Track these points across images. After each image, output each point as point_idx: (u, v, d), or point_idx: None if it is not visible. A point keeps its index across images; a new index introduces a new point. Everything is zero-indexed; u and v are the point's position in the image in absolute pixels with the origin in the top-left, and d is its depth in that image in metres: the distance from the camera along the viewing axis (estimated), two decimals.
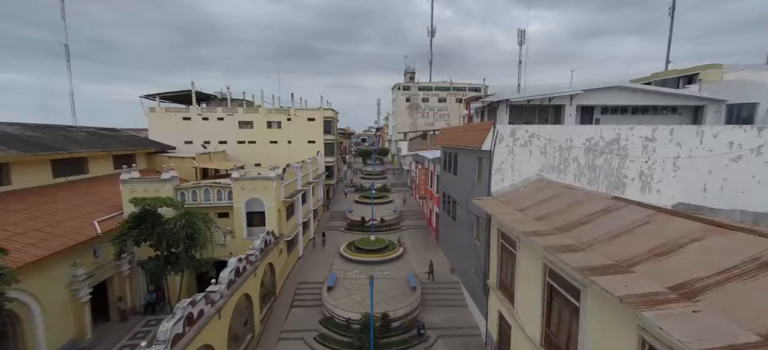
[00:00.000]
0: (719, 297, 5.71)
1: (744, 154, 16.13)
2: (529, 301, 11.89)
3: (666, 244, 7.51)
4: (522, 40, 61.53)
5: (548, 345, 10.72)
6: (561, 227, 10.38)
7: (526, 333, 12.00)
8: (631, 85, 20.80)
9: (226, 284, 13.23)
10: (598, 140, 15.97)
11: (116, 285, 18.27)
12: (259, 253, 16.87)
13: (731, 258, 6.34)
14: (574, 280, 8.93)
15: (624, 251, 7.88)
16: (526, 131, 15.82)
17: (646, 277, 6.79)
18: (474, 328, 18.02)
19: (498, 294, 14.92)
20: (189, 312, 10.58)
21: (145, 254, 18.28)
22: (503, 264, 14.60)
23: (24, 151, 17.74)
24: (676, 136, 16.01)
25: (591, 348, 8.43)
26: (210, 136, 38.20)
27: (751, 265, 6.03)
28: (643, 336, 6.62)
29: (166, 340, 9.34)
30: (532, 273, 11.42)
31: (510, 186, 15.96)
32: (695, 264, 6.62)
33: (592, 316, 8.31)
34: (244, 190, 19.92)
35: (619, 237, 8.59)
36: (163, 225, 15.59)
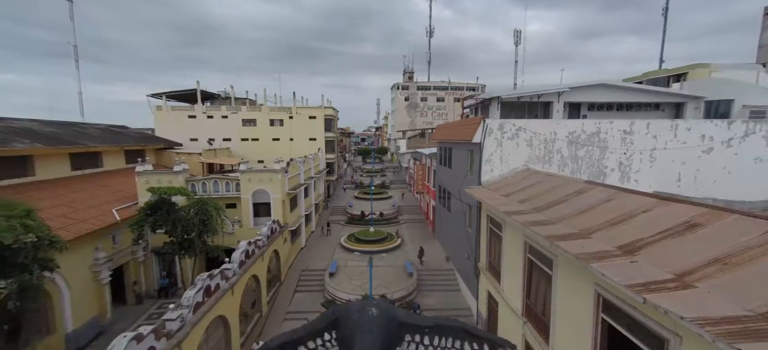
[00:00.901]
0: (653, 251, 6.99)
1: (715, 146, 17.42)
2: (512, 277, 13.17)
3: (620, 215, 8.79)
4: (518, 40, 62.87)
5: (528, 313, 12.00)
6: (538, 207, 11.66)
7: (511, 306, 13.28)
8: (614, 83, 22.02)
9: (238, 263, 14.50)
10: (580, 133, 17.25)
11: (132, 270, 19.55)
12: (266, 239, 18.13)
13: (668, 222, 7.62)
14: (547, 251, 10.21)
15: (586, 223, 9.16)
16: (513, 124, 17.11)
17: (600, 240, 8.08)
18: (466, 309, 19.29)
19: (487, 275, 16.20)
20: (207, 283, 11.84)
21: (158, 242, 19.63)
22: (491, 247, 15.87)
23: (46, 144, 19.01)
24: (652, 129, 17.30)
25: (561, 309, 9.73)
26: (214, 133, 39.44)
27: (682, 227, 7.31)
28: (597, 289, 7.91)
29: (188, 306, 10.61)
30: (515, 251, 12.70)
31: (499, 176, 17.23)
32: (640, 228, 7.90)
33: (562, 281, 9.60)
34: (251, 181, 21.21)
35: (585, 212, 9.87)
36: (177, 212, 16.83)
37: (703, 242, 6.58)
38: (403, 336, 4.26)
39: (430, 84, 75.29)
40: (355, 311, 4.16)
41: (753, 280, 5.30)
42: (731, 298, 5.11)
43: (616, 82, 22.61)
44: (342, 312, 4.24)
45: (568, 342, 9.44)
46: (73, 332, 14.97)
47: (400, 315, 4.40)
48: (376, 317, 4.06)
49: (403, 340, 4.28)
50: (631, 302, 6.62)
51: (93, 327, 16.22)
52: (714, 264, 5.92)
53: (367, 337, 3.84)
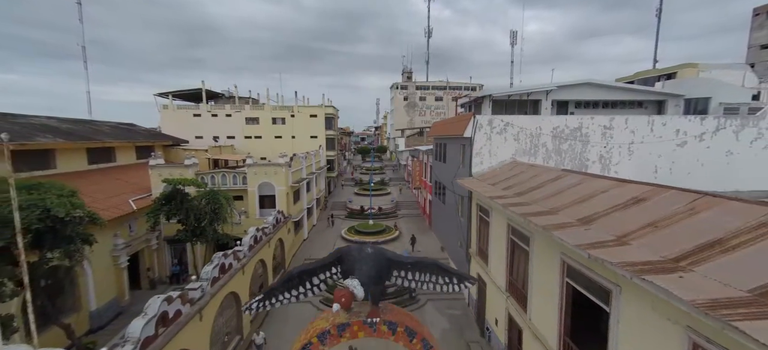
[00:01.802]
0: (604, 221, 8.34)
1: (689, 140, 18.77)
2: (497, 258, 14.52)
3: (584, 196, 10.14)
4: (514, 41, 64.26)
5: (511, 288, 13.34)
6: (519, 192, 13.02)
7: (496, 284, 14.64)
8: (598, 82, 23.36)
9: (248, 247, 15.85)
10: (563, 128, 18.59)
11: (146, 257, 20.90)
12: (272, 227, 19.47)
13: (620, 199, 8.98)
14: (525, 230, 11.56)
15: (556, 203, 10.52)
16: (501, 120, 18.45)
17: (564, 215, 9.43)
18: (458, 295, 20.64)
19: (477, 259, 17.55)
20: (222, 261, 13.18)
21: (170, 231, 20.99)
22: (480, 233, 17.22)
23: (66, 140, 20.34)
24: (630, 124, 18.65)
25: (536, 280, 11.07)
26: (219, 131, 40.76)
27: (631, 202, 8.66)
28: (562, 257, 9.25)
29: (207, 279, 11.95)
30: (500, 234, 14.05)
31: (488, 168, 18.57)
32: (597, 205, 9.25)
33: (536, 255, 10.95)
34: (257, 175, 22.55)
35: (556, 195, 11.23)
36: (190, 202, 18.15)
37: (643, 213, 7.94)
38: (391, 270, 5.58)
39: (428, 84, 76.67)
40: (355, 250, 5.48)
41: (672, 237, 6.65)
42: (653, 250, 6.46)
43: (601, 81, 23.94)
44: (345, 252, 5.55)
45: (541, 309, 10.79)
46: (96, 310, 16.30)
47: (389, 255, 5.72)
48: (371, 254, 5.38)
49: (391, 274, 5.60)
50: (584, 262, 7.98)
51: (113, 307, 17.56)
52: (647, 228, 7.28)
53: (364, 267, 5.16)
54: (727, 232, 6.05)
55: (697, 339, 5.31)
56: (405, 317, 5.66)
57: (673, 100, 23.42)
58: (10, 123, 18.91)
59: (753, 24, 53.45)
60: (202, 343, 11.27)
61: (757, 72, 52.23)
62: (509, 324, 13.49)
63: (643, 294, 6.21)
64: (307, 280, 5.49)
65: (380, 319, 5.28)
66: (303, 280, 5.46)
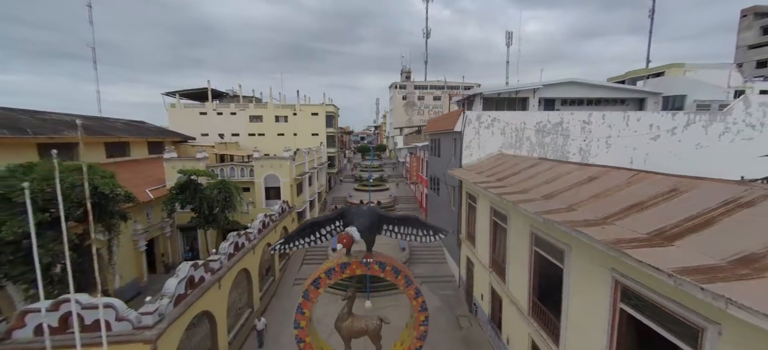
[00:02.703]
0: (564, 196, 9.96)
1: (662, 134, 20.39)
2: (483, 239, 16.15)
3: (551, 178, 11.78)
4: (509, 41, 65.83)
5: (493, 264, 14.97)
6: (500, 178, 14.65)
7: (482, 263, 16.26)
8: (582, 81, 24.97)
9: (257, 230, 17.48)
10: (546, 123, 20.21)
11: (161, 244, 22.52)
12: (277, 215, 21.10)
13: (578, 178, 10.60)
14: (503, 209, 13.19)
15: (529, 185, 12.16)
16: (489, 115, 20.07)
17: (534, 194, 11.06)
18: (450, 276, 22.28)
19: (466, 242, 19.18)
20: (236, 240, 14.81)
21: (183, 220, 22.64)
22: (469, 218, 18.85)
23: (88, 134, 21.95)
24: (607, 119, 20.27)
25: (512, 253, 12.69)
26: (224, 129, 42.38)
27: (585, 181, 10.29)
28: (532, 230, 10.88)
29: (225, 253, 13.58)
30: (484, 217, 15.69)
31: (477, 160, 20.18)
32: (560, 184, 10.88)
33: (512, 231, 12.58)
34: (263, 167, 24.17)
35: (530, 178, 12.86)
36: (202, 191, 19.77)
37: (593, 187, 9.57)
38: (382, 225, 7.19)
39: (426, 84, 78.26)
40: (354, 208, 7.08)
41: (609, 203, 8.26)
42: (592, 212, 8.08)
43: (585, 80, 25.55)
44: (345, 209, 7.15)
45: (516, 277, 12.42)
46: (119, 289, 17.90)
47: (380, 212, 7.33)
48: (366, 211, 6.99)
49: (382, 228, 7.21)
50: (545, 229, 9.62)
51: (133, 288, 19.19)
52: (592, 198, 8.90)
53: (360, 220, 6.75)
54: (646, 197, 7.69)
55: (618, 276, 6.96)
56: (392, 260, 7.28)
57: (652, 97, 25.04)
58: (37, 119, 20.53)
59: (741, 25, 55.07)
60: (220, 308, 12.90)
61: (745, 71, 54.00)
62: (492, 296, 15.12)
63: (585, 250, 7.86)
64: (317, 230, 7.12)
65: (373, 260, 6.90)
66: (314, 229, 7.09)
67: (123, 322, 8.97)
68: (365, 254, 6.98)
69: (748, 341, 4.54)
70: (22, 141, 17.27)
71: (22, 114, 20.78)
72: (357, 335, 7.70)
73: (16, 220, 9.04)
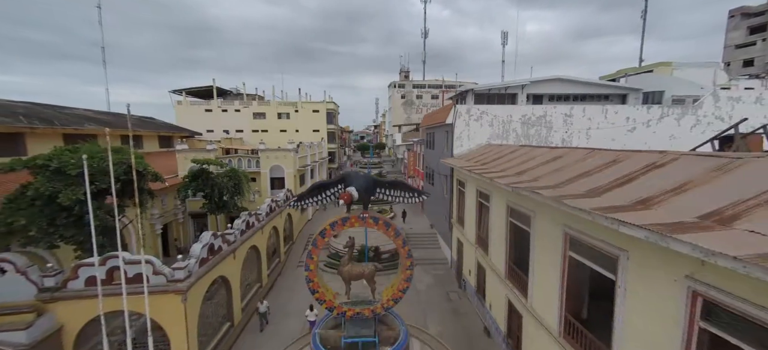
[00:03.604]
0: (533, 173, 11.64)
1: (638, 126, 22.08)
2: (470, 219, 17.83)
3: (526, 160, 13.47)
4: (505, 41, 67.61)
5: (479, 240, 16.64)
6: (484, 163, 16.34)
7: (469, 241, 17.94)
8: (567, 77, 26.65)
9: (265, 213, 19.16)
10: (530, 116, 21.89)
11: (174, 229, 24.21)
12: (282, 201, 22.79)
13: (544, 158, 12.29)
14: (486, 190, 14.87)
15: (505, 166, 13.84)
16: (478, 109, 21.76)
17: (509, 172, 12.74)
18: (443, 260, 23.97)
19: (457, 225, 20.86)
20: (247, 219, 16.49)
21: (194, 207, 24.32)
22: (459, 203, 20.53)
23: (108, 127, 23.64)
24: (587, 113, 21.96)
25: (493, 227, 14.36)
26: (228, 125, 44.06)
27: (551, 159, 11.96)
28: (508, 203, 12.56)
29: (238, 229, 15.26)
30: (471, 199, 17.37)
31: (467, 150, 21.85)
32: (531, 164, 12.56)
33: (493, 207, 14.25)
34: (269, 158, 25.85)
35: (508, 162, 14.55)
36: (214, 179, 21.44)
37: (556, 164, 11.25)
38: (376, 188, 8.86)
39: (424, 83, 79.96)
40: (353, 173, 8.74)
41: (564, 172, 9.94)
42: (552, 181, 9.76)
43: (570, 77, 27.23)
44: (346, 174, 8.81)
45: (496, 248, 14.09)
46: None
47: (374, 178, 9.00)
48: (363, 176, 8.65)
49: (376, 190, 8.88)
50: (516, 199, 11.30)
51: None
52: (555, 172, 10.58)
53: (359, 182, 8.39)
54: (593, 167, 9.38)
55: (566, 229, 8.64)
56: (383, 218, 8.94)
57: (633, 93, 26.73)
58: (62, 113, 22.20)
59: (728, 25, 56.81)
60: (235, 276, 14.58)
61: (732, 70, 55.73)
62: (477, 269, 16.80)
63: (546, 212, 9.54)
64: (324, 190, 8.79)
65: (368, 215, 8.58)
66: (322, 190, 8.76)
67: (159, 276, 10.65)
68: (363, 210, 8.65)
69: (646, 260, 6.20)
70: (50, 131, 18.94)
71: (46, 108, 22.45)
72: (356, 278, 9.37)
73: (70, 189, 10.70)
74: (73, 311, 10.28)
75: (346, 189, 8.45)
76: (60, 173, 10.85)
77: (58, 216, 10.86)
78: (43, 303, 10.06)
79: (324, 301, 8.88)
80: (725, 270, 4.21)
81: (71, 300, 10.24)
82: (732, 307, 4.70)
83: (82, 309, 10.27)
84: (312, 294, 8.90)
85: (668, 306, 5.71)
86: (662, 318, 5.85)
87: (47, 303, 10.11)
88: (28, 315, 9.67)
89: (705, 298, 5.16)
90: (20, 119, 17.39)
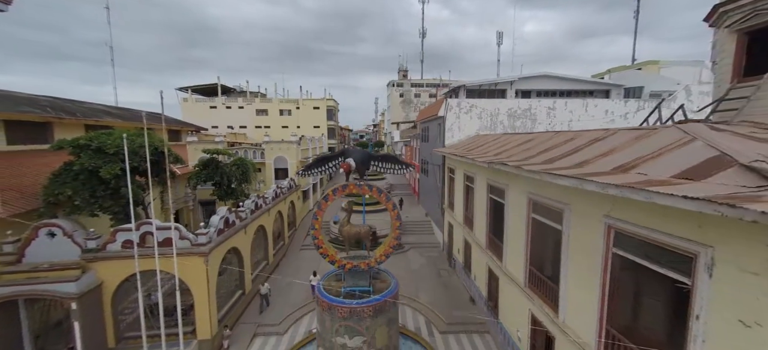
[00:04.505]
0: (510, 153, 13.35)
1: (616, 119, 23.81)
2: (458, 201, 19.55)
3: (505, 144, 15.18)
4: (500, 41, 69.31)
5: (466, 220, 18.36)
6: (470, 149, 18.06)
7: (459, 223, 19.66)
8: (553, 74, 28.32)
9: (271, 197, 20.87)
10: (516, 109, 23.62)
11: (185, 215, 25.90)
12: (286, 189, 24.49)
13: (520, 141, 14.00)
14: (472, 173, 16.59)
15: (488, 151, 15.56)
16: (468, 102, 23.47)
17: (490, 155, 14.47)
18: (436, 244, 25.69)
19: (448, 210, 22.59)
20: (256, 200, 18.21)
21: (203, 196, 26.01)
22: (450, 189, 22.25)
23: (122, 120, 25.33)
24: (569, 106, 23.69)
25: (477, 206, 16.07)
26: (232, 122, 45.74)
27: (524, 141, 13.68)
28: (488, 182, 14.27)
29: (249, 209, 16.96)
30: (460, 183, 19.09)
31: (457, 141, 23.57)
32: (508, 146, 14.28)
33: (477, 188, 15.98)
34: (273, 150, 27.55)
35: (491, 147, 16.27)
36: (223, 167, 23.12)
37: (527, 144, 12.97)
38: (371, 161, 10.56)
39: (422, 81, 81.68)
40: (351, 148, 10.46)
41: (532, 149, 11.65)
42: (521, 157, 11.48)
43: (556, 73, 28.90)
44: (346, 149, 10.51)
45: (479, 224, 15.81)
46: None
47: (370, 153, 10.71)
48: (360, 150, 10.36)
49: (371, 163, 10.58)
50: (494, 176, 13.03)
51: None
52: (524, 151, 12.30)
53: (357, 154, 10.08)
54: (554, 144, 11.09)
55: (532, 196, 10.36)
56: (376, 186, 10.64)
57: (615, 89, 28.43)
58: (81, 107, 23.87)
59: None
60: (246, 249, 16.28)
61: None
62: (464, 246, 18.52)
63: (517, 184, 11.26)
64: (327, 162, 10.49)
65: (364, 183, 10.29)
66: (325, 161, 10.46)
67: (184, 241, 12.36)
68: (359, 179, 10.36)
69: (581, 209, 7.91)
70: (74, 122, 20.62)
71: (67, 102, 24.12)
72: (354, 236, 11.08)
73: (110, 166, 12.38)
74: (111, 269, 11.98)
75: (345, 160, 10.15)
76: (100, 152, 12.55)
77: (98, 189, 12.54)
78: (87, 262, 11.77)
79: (327, 255, 10.59)
80: (625, 205, 5.96)
81: (110, 261, 11.95)
82: (630, 232, 6.44)
83: (118, 268, 11.98)
84: (317, 250, 10.60)
85: (594, 241, 7.45)
86: (591, 251, 7.59)
87: (90, 262, 11.81)
88: (75, 270, 11.37)
89: (616, 230, 6.90)
90: (48, 110, 19.07)
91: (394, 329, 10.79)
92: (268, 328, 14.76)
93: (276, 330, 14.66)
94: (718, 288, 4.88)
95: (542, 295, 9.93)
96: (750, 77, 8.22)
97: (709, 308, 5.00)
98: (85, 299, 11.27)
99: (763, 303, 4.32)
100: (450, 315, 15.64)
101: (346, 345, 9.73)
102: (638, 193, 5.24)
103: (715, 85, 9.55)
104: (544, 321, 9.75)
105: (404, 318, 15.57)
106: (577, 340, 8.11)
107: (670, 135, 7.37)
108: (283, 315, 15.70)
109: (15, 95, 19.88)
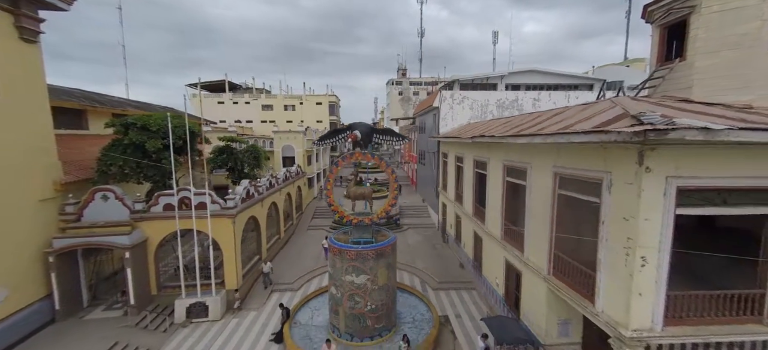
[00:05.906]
0: (489, 132, 15.62)
1: None
2: (451, 181, 21.81)
3: (490, 126, 17.46)
4: (495, 40, 71.71)
5: (457, 197, 20.61)
6: (461, 134, 20.33)
7: (451, 201, 21.92)
8: (541, 69, 30.56)
9: (282, 179, 23.12)
10: (504, 100, 25.88)
11: None
12: (294, 174, 26.74)
13: (499, 123, 16.27)
14: (461, 153, 18.84)
15: (475, 132, 17.83)
16: (460, 94, 25.74)
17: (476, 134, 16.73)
18: (432, 224, 27.96)
19: (442, 192, 24.85)
20: (269, 180, 20.46)
21: (217, 182, 28.25)
22: (444, 172, 24.51)
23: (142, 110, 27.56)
24: (552, 98, 25.96)
25: (465, 181, 18.33)
26: (239, 117, 47.95)
27: (503, 123, 15.96)
28: (475, 159, 16.53)
29: (265, 185, 19.21)
30: (452, 165, 21.36)
31: (451, 129, 25.82)
32: (491, 128, 16.54)
33: (466, 166, 18.23)
34: (281, 139, 29.77)
35: (478, 128, 18.53)
36: (236, 153, 25.35)
37: (505, 125, 15.25)
38: (373, 133, 12.79)
39: (421, 80, 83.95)
40: (357, 123, 12.69)
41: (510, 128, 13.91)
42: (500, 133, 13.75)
43: (544, 69, 31.11)
44: (353, 124, 12.72)
45: (467, 197, 18.06)
46: None
47: (373, 127, 12.94)
48: (365, 123, 12.61)
49: (373, 135, 12.81)
50: (478, 151, 15.30)
51: None
52: (502, 130, 14.57)
53: (362, 128, 12.31)
54: (524, 122, 13.36)
55: (506, 162, 12.63)
56: (377, 156, 12.89)
57: (598, 83, 30.72)
58: (108, 99, 26.09)
59: None
60: (262, 219, 18.53)
61: None
62: (456, 221, 20.78)
63: (496, 154, 13.52)
64: (337, 134, 12.73)
65: (369, 151, 12.54)
66: (336, 134, 12.71)
67: (215, 205, 14.60)
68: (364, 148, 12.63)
69: (538, 164, 10.18)
70: (104, 111, 22.83)
71: (92, 94, 26.35)
72: (359, 197, 13.32)
73: (153, 141, 14.62)
74: (155, 228, 14.22)
75: (353, 131, 12.38)
76: (145, 129, 14.79)
77: (143, 160, 14.77)
78: (134, 222, 14.00)
79: (337, 212, 12.84)
80: (565, 153, 8.24)
81: (153, 221, 14.19)
82: (568, 175, 8.72)
83: (161, 227, 14.22)
84: (328, 207, 12.83)
85: (547, 187, 9.73)
86: (545, 197, 9.87)
87: (137, 222, 14.04)
88: (126, 227, 13.61)
89: (560, 175, 9.18)
90: (83, 100, 21.28)
91: (393, 272, 13.02)
92: (283, 286, 17.02)
93: (290, 287, 16.93)
94: (613, 199, 7.16)
95: (513, 242, 12.21)
96: (667, 62, 10.51)
97: (609, 214, 7.28)
98: (135, 251, 13.51)
99: (633, 201, 6.60)
100: (442, 275, 17.91)
101: (353, 281, 11.96)
102: (562, 137, 7.52)
103: (650, 68, 11.85)
104: (514, 262, 12.03)
105: (402, 279, 17.83)
106: (536, 268, 10.39)
107: (603, 105, 9.65)
108: (295, 276, 17.96)
109: (51, 87, 22.11)
